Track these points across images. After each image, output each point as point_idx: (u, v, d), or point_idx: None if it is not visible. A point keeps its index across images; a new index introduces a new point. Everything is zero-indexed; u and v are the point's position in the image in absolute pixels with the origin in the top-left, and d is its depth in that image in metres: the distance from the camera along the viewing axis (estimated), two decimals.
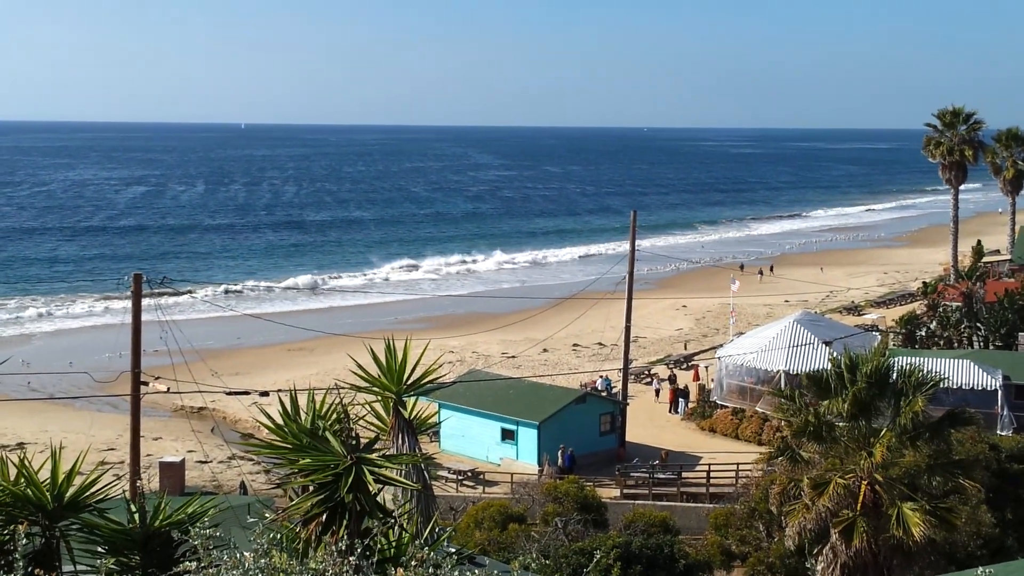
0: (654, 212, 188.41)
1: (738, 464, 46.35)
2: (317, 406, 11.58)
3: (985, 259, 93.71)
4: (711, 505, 42.47)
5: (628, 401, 54.95)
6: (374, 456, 10.64)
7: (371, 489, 10.38)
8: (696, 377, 65.46)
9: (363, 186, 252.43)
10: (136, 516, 10.90)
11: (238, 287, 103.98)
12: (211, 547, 8.68)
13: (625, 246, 56.50)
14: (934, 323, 66.72)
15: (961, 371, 52.97)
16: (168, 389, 31.19)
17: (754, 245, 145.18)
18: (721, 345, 67.21)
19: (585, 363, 71.18)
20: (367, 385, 12.99)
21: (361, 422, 12.46)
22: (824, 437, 24.31)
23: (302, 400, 11.64)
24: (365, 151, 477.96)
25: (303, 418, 11.39)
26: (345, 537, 9.13)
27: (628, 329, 54.19)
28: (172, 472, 40.29)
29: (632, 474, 48.42)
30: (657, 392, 62.26)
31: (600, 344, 75.65)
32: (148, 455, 44.85)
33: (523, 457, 50.65)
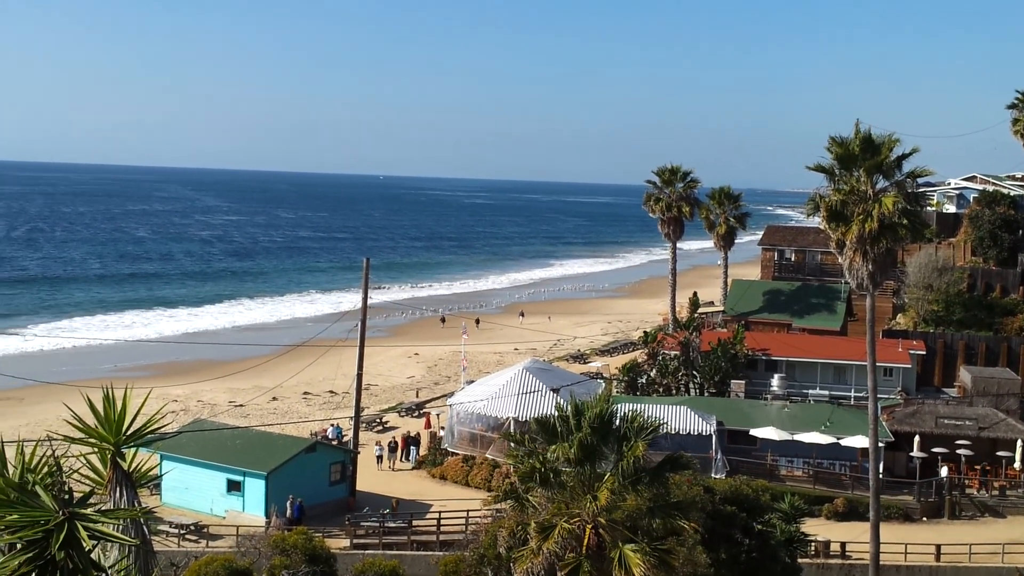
0: (388, 260, 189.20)
1: (468, 511, 46.75)
2: (26, 459, 10.92)
3: (701, 310, 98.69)
4: (441, 553, 42.62)
5: (359, 450, 54.55)
6: (89, 511, 10.12)
7: (85, 546, 9.86)
8: (428, 425, 65.76)
9: (79, 228, 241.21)
10: None
11: None
12: None
13: (358, 294, 56.33)
14: (654, 371, 69.66)
15: (679, 417, 55.60)
16: None
17: (486, 294, 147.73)
18: (452, 393, 67.87)
19: (316, 411, 70.26)
20: (83, 436, 12.33)
21: (76, 475, 11.83)
22: (551, 482, 24.83)
23: (10, 452, 10.95)
24: (85, 191, 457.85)
25: (11, 471, 10.72)
26: None
27: (360, 377, 53.91)
28: None
29: (362, 524, 47.98)
30: (379, 458, 59.31)
31: (332, 392, 74.92)
32: None
33: (250, 509, 49.30)
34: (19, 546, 9.85)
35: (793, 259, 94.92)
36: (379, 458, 59.22)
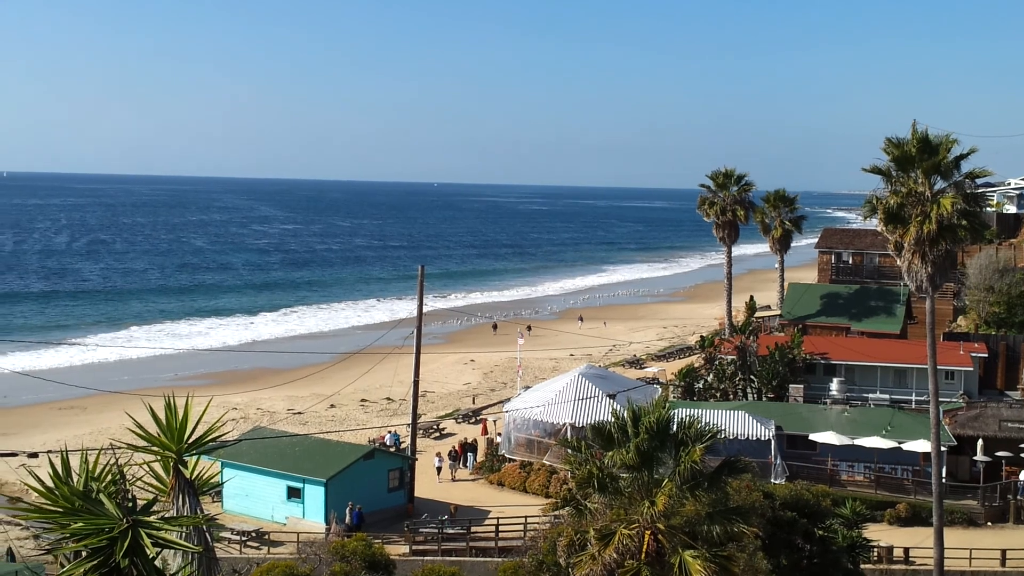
0: (443, 267, 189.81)
1: (526, 517, 46.74)
2: (90, 467, 11.07)
3: (757, 314, 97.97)
4: (500, 559, 42.59)
5: (417, 456, 54.74)
6: (152, 518, 10.26)
7: (149, 553, 9.98)
8: (484, 431, 65.84)
9: (139, 239, 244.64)
10: None
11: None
12: None
13: (413, 301, 56.56)
14: (711, 376, 69.20)
15: (737, 422, 55.15)
16: None
17: (541, 300, 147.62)
18: (509, 399, 67.90)
19: (373, 418, 70.62)
20: (145, 444, 12.48)
21: (139, 483, 11.97)
22: (609, 488, 24.75)
23: (74, 461, 11.11)
24: (143, 202, 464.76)
25: (75, 480, 10.87)
26: None
27: (416, 384, 54.13)
28: None
29: (421, 530, 48.12)
30: (439, 469, 58.34)
31: (388, 399, 75.25)
32: None
33: (310, 515, 49.65)
34: (84, 553, 10.00)
35: (851, 262, 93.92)
36: (438, 469, 58.38)
